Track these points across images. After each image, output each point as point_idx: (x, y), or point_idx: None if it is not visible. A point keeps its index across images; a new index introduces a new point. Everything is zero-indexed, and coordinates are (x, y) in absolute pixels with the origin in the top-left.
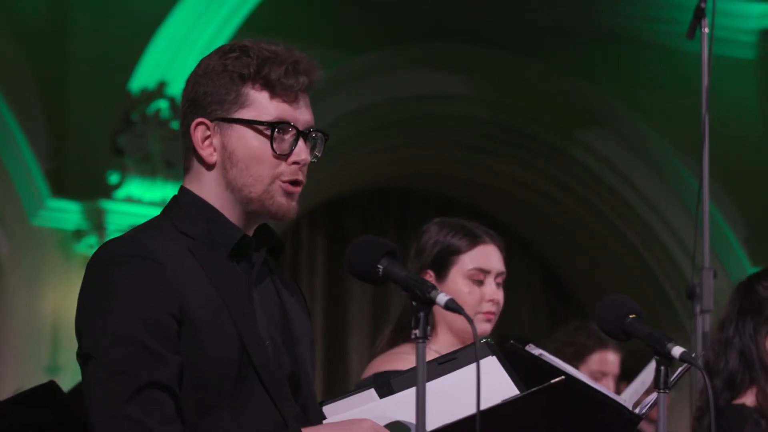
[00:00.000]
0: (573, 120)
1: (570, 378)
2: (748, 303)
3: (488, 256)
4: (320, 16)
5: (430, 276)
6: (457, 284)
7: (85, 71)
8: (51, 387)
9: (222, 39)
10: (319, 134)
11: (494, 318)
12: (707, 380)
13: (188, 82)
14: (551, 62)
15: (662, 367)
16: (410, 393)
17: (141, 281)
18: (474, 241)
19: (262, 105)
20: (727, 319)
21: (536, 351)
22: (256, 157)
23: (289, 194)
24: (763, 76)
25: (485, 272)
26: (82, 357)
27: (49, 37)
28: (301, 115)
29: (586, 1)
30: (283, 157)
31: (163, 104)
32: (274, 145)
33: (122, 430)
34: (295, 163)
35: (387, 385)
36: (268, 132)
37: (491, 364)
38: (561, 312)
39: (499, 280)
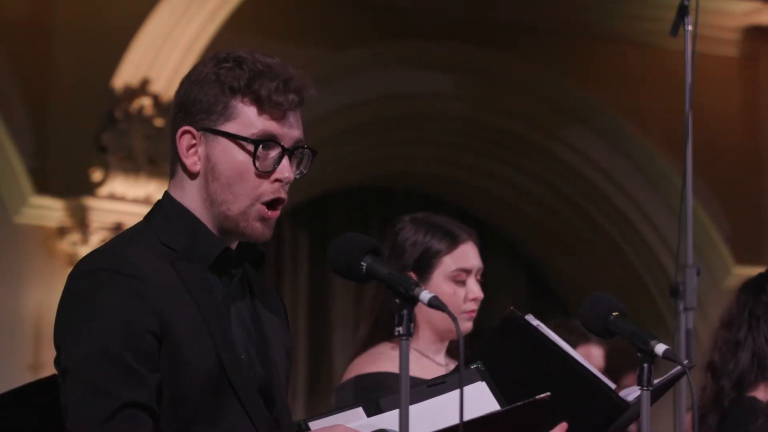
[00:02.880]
0: (556, 118)
1: (559, 351)
2: (762, 305)
3: (468, 255)
4: (302, 14)
5: (411, 277)
6: (440, 286)
7: (68, 68)
8: (56, 380)
9: (205, 36)
10: (306, 151)
11: (475, 314)
12: (689, 378)
13: (181, 85)
14: (534, 60)
15: (645, 365)
16: (396, 413)
17: (122, 298)
18: (455, 241)
19: (249, 120)
20: (736, 319)
21: (534, 322)
22: (239, 173)
23: (265, 219)
24: (746, 73)
25: (467, 272)
26: (60, 370)
27: (31, 34)
28: (289, 131)
29: None
30: (265, 174)
31: (146, 101)
32: (257, 163)
33: None
34: (277, 180)
35: (375, 404)
36: (252, 148)
37: (480, 390)
38: (545, 310)
39: (479, 276)
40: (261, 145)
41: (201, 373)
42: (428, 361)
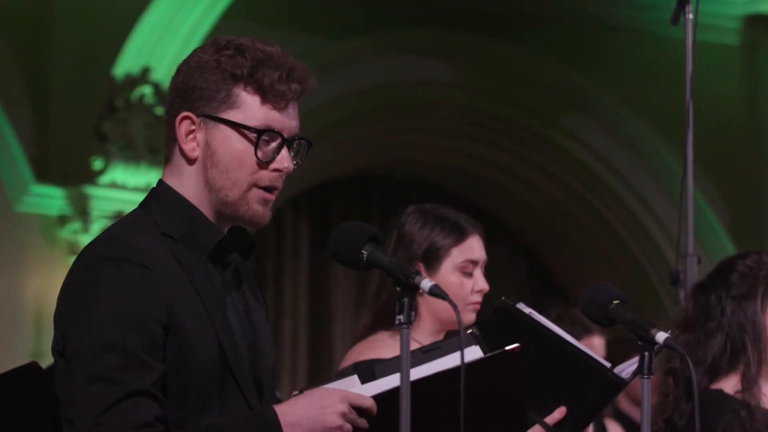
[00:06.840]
0: (556, 106)
1: (553, 335)
2: (731, 301)
3: (475, 248)
4: (303, 2)
5: (420, 268)
6: (448, 277)
7: (68, 57)
8: (32, 368)
9: (206, 25)
10: (303, 142)
11: (479, 306)
12: (691, 366)
13: (179, 71)
14: (534, 48)
15: (646, 353)
16: (392, 379)
17: (130, 287)
18: (463, 234)
19: (251, 109)
20: (700, 318)
21: (526, 309)
22: (238, 160)
23: (264, 202)
24: (746, 62)
25: (474, 263)
26: (65, 358)
27: (32, 23)
28: (289, 122)
29: None
30: (265, 164)
31: (147, 90)
32: (258, 152)
33: None
34: (276, 170)
35: (370, 371)
36: (254, 137)
37: (473, 353)
38: (545, 299)
39: (482, 268)
40: (263, 135)
41: (205, 361)
42: None
